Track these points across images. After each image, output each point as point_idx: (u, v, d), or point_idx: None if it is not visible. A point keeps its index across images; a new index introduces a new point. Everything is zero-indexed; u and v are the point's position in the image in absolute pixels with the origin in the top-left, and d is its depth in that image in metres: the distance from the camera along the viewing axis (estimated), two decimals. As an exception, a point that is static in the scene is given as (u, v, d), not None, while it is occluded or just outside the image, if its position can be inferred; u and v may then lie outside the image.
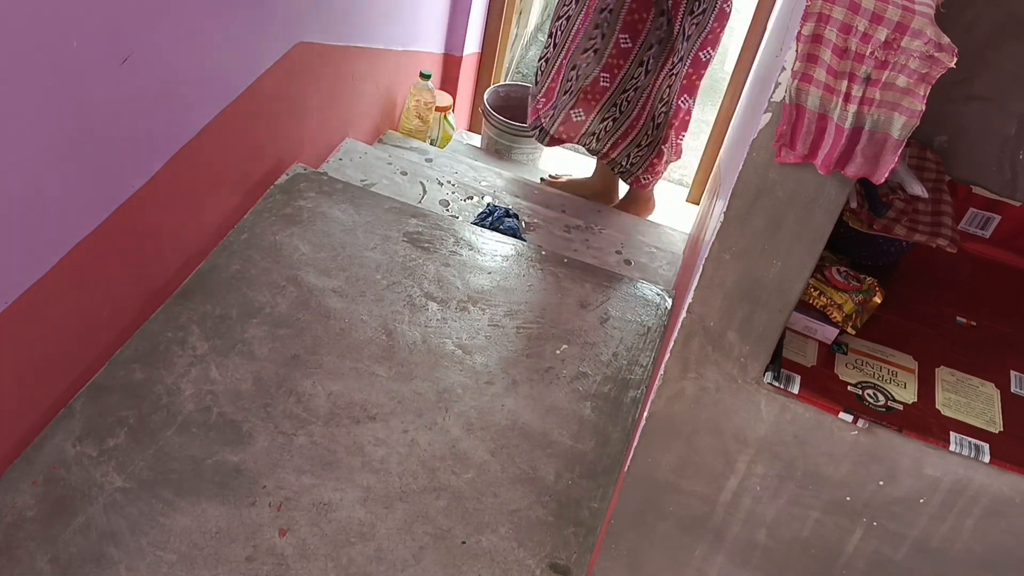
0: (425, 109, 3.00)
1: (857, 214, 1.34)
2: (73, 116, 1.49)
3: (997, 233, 1.46)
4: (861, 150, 0.99)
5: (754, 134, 1.06)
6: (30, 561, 1.48)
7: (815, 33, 0.96)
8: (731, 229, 1.13)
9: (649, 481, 1.42)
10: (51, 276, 1.55)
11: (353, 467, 1.69)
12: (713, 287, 1.19)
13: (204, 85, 1.84)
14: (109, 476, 1.61)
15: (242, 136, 2.07)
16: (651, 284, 2.28)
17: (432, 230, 2.27)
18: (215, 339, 1.87)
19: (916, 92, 0.93)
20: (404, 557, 1.58)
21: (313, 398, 1.80)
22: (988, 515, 1.21)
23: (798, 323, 1.30)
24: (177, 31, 1.68)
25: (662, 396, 1.31)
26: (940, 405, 1.22)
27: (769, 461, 1.30)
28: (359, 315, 1.99)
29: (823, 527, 1.33)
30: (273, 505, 1.62)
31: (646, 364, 2.02)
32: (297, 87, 2.26)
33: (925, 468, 1.20)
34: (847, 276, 1.32)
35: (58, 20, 1.38)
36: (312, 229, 2.18)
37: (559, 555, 1.62)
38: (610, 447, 1.82)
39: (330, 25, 2.34)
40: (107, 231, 1.66)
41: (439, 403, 1.84)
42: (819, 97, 0.99)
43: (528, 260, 2.25)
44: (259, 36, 2.01)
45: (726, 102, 3.32)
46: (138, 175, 1.72)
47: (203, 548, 1.54)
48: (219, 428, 1.72)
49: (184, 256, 1.97)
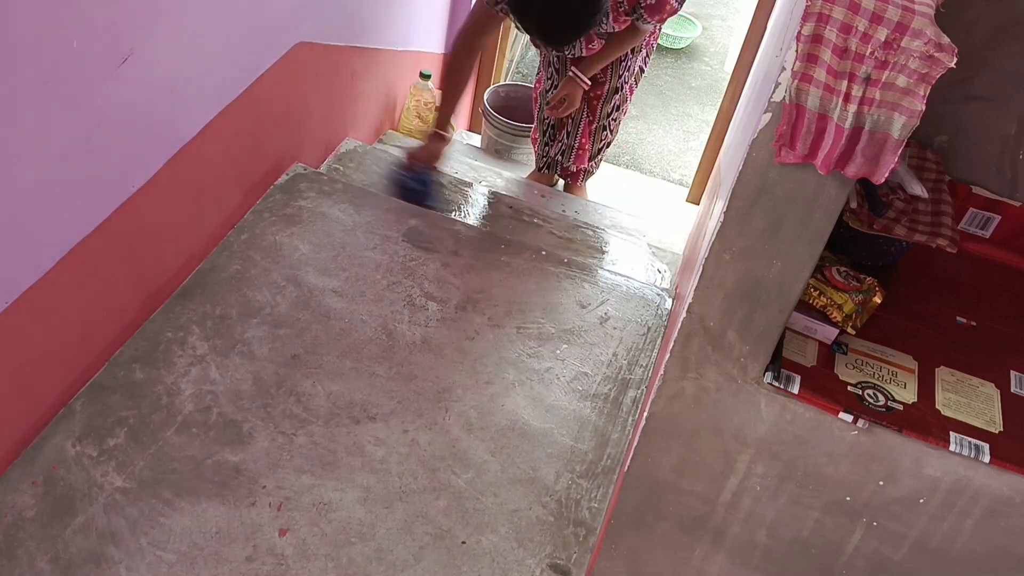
0: (425, 109, 3.00)
1: (857, 214, 1.34)
2: (73, 116, 1.49)
3: (997, 233, 1.46)
4: (861, 150, 0.99)
5: (754, 134, 1.06)
6: (30, 561, 1.48)
7: (815, 33, 0.96)
8: (731, 229, 1.13)
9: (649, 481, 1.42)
10: (51, 276, 1.55)
11: (353, 467, 1.69)
12: (713, 287, 1.19)
13: (204, 85, 1.84)
14: (109, 476, 1.61)
15: (242, 136, 2.07)
16: (651, 284, 2.28)
17: (432, 230, 2.27)
18: (215, 339, 1.87)
19: (916, 92, 0.93)
20: (404, 557, 1.58)
21: (313, 398, 1.80)
22: (988, 515, 1.21)
23: (798, 323, 1.30)
24: (177, 31, 1.68)
25: (662, 396, 1.31)
26: (940, 405, 1.22)
27: (769, 461, 1.30)
28: (359, 315, 1.99)
29: (823, 527, 1.33)
30: (273, 505, 1.62)
31: (646, 364, 2.02)
32: (297, 87, 2.26)
33: (925, 468, 1.20)
34: (847, 276, 1.32)
35: (58, 20, 1.38)
36: (312, 229, 2.18)
37: (559, 555, 1.62)
38: (610, 447, 1.82)
39: (330, 25, 2.34)
40: (107, 231, 1.65)
41: (439, 403, 1.84)
42: (819, 97, 0.99)
43: (528, 260, 2.25)
44: (259, 36, 2.01)
45: (726, 102, 3.32)
46: (138, 175, 1.72)
47: (203, 548, 1.54)
48: (219, 428, 1.72)
49: (184, 256, 1.97)
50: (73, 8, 1.40)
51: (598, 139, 2.76)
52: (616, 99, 2.65)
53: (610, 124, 2.73)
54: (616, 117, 2.72)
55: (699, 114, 4.31)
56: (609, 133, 2.76)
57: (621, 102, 2.67)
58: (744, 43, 3.20)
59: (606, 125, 2.72)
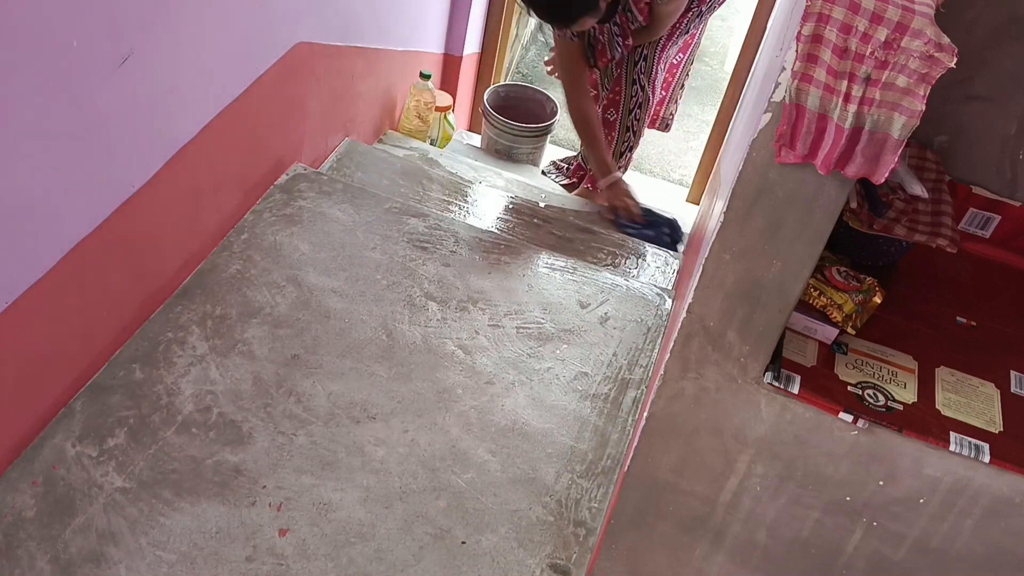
0: (425, 109, 3.00)
1: (857, 214, 1.34)
2: (73, 116, 1.49)
3: (997, 233, 1.46)
4: (861, 150, 0.99)
5: (754, 134, 1.06)
6: (30, 561, 1.48)
7: (815, 33, 0.96)
8: (731, 229, 1.13)
9: (649, 481, 1.42)
10: (51, 276, 1.55)
11: (353, 467, 1.69)
12: (713, 287, 1.19)
13: (204, 85, 1.84)
14: (109, 476, 1.61)
15: (242, 136, 2.07)
16: (651, 284, 2.28)
17: (432, 230, 2.27)
18: (215, 339, 1.87)
19: (916, 92, 0.93)
20: (404, 557, 1.58)
21: (313, 398, 1.80)
22: (988, 515, 1.21)
23: (798, 323, 1.30)
24: (177, 31, 1.68)
25: (662, 396, 1.31)
26: (940, 405, 1.22)
27: (769, 461, 1.30)
28: (359, 315, 1.99)
29: (823, 527, 1.33)
30: (273, 505, 1.62)
31: (646, 364, 2.02)
32: (297, 87, 2.26)
33: (925, 468, 1.20)
34: (847, 276, 1.32)
35: (58, 20, 1.38)
36: (312, 229, 2.18)
37: (559, 555, 1.62)
38: (610, 447, 1.82)
39: (330, 25, 2.34)
40: (107, 231, 1.65)
41: (439, 403, 1.84)
42: (819, 97, 0.99)
43: (528, 260, 2.25)
44: (259, 36, 2.01)
45: (726, 102, 3.32)
46: (138, 175, 1.72)
47: (203, 548, 1.54)
48: (219, 428, 1.72)
49: (184, 256, 1.97)
50: (73, 8, 1.40)
51: (621, 140, 2.77)
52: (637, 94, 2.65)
53: (633, 124, 2.73)
54: (639, 116, 2.72)
55: (699, 114, 4.31)
56: (632, 135, 2.77)
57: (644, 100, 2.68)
58: (744, 43, 3.21)
59: (629, 125, 2.73)
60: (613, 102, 2.70)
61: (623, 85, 2.65)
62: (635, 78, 2.63)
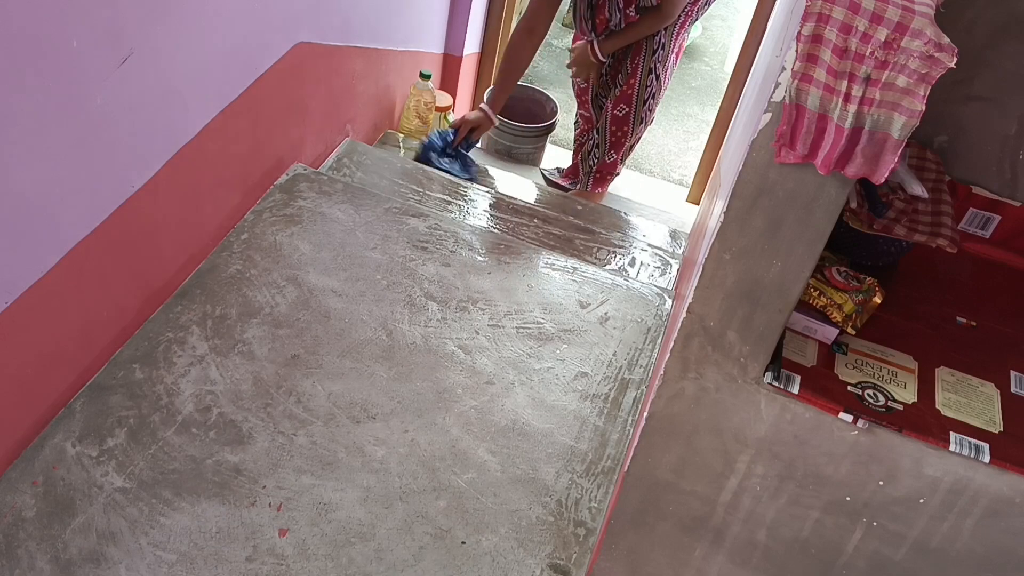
0: (425, 109, 3.00)
1: (857, 214, 1.34)
2: (73, 116, 1.49)
3: (997, 233, 1.46)
4: (861, 150, 0.99)
5: (754, 134, 1.06)
6: (30, 561, 1.48)
7: (815, 33, 0.96)
8: (731, 229, 1.13)
9: (649, 481, 1.42)
10: (51, 276, 1.55)
11: (353, 467, 1.69)
12: (713, 287, 1.19)
13: (204, 85, 1.84)
14: (109, 476, 1.61)
15: (242, 136, 2.07)
16: (651, 284, 2.28)
17: (432, 230, 2.27)
18: (215, 339, 1.87)
19: (916, 92, 0.93)
20: (404, 557, 1.58)
21: (313, 398, 1.80)
22: (988, 515, 1.21)
23: (798, 323, 1.30)
24: (177, 31, 1.68)
25: (662, 396, 1.31)
26: (940, 405, 1.22)
27: (769, 461, 1.30)
28: (359, 315, 1.99)
29: (823, 527, 1.33)
30: (273, 505, 1.62)
31: (646, 364, 2.02)
32: (297, 87, 2.26)
33: (925, 468, 1.20)
34: (847, 276, 1.32)
35: (58, 20, 1.38)
36: (312, 229, 2.18)
37: (559, 555, 1.62)
38: (610, 447, 1.82)
39: (330, 25, 2.34)
40: (107, 231, 1.65)
41: (439, 403, 1.84)
42: (819, 97, 0.99)
43: (528, 260, 2.25)
44: (259, 36, 2.01)
45: (726, 102, 3.32)
46: (138, 175, 1.72)
47: (203, 548, 1.54)
48: (219, 428, 1.72)
49: (184, 256, 1.97)
50: (73, 8, 1.40)
51: (634, 133, 2.80)
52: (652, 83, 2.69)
53: (646, 115, 2.77)
54: (652, 107, 2.75)
55: (699, 114, 4.31)
56: (644, 126, 2.80)
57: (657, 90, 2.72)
58: (744, 43, 3.21)
59: (643, 117, 2.77)
60: (626, 96, 2.71)
61: (639, 76, 2.67)
62: (651, 66, 2.65)
